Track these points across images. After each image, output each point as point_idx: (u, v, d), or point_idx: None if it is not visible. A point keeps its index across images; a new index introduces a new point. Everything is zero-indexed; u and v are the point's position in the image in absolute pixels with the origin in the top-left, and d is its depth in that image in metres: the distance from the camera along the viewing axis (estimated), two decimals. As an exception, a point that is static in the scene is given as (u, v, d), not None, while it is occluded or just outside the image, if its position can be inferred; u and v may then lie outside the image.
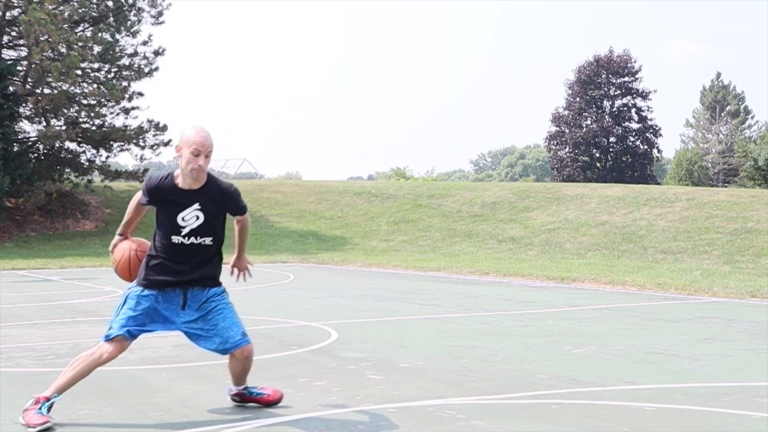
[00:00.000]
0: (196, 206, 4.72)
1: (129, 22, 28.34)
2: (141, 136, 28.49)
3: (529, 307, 10.78)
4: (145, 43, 28.90)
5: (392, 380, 5.88)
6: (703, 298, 12.10)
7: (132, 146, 28.80)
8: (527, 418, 4.80)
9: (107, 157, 29.47)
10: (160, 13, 29.29)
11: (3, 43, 27.56)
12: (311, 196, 31.35)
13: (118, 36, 27.87)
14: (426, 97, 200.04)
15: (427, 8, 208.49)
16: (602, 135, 54.87)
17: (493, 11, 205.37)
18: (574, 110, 55.39)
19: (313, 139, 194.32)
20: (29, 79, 26.94)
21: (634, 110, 55.79)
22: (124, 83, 28.22)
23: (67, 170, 28.40)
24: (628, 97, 55.80)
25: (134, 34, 28.67)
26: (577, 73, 55.82)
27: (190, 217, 4.71)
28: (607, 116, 55.34)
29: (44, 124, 27.39)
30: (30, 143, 27.89)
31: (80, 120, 28.21)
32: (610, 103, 56.01)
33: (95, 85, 27.64)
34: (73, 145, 28.45)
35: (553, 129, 56.18)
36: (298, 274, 16.74)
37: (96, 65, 27.93)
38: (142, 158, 29.58)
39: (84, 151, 28.65)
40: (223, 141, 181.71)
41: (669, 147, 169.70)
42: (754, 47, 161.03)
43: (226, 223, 4.94)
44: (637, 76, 55.70)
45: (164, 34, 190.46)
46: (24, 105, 26.51)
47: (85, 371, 4.77)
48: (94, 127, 28.23)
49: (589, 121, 55.31)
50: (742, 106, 67.19)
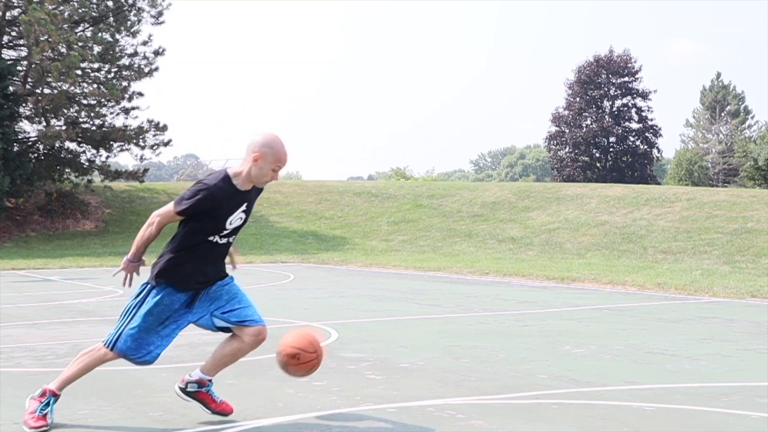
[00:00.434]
0: (244, 207, 4.57)
1: (129, 22, 28.36)
2: (141, 136, 28.50)
3: (529, 307, 10.78)
4: (145, 43, 28.92)
5: (392, 380, 5.88)
6: (703, 298, 12.10)
7: (132, 146, 28.81)
8: (527, 418, 4.80)
9: (107, 157, 29.49)
10: (160, 13, 29.31)
11: (3, 43, 27.57)
12: (311, 196, 31.35)
13: (118, 36, 27.87)
14: (426, 97, 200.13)
15: (427, 8, 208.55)
16: (602, 135, 54.88)
17: (493, 11, 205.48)
18: (574, 110, 55.40)
19: (313, 139, 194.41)
20: (29, 79, 26.95)
21: (634, 110, 55.81)
22: (124, 83, 28.24)
23: (67, 170, 28.41)
24: (628, 97, 55.81)
25: (134, 34, 28.68)
26: (577, 73, 55.83)
27: (236, 219, 4.56)
28: (607, 116, 55.36)
29: (44, 124, 27.39)
30: (30, 143, 27.89)
31: (80, 120, 28.22)
32: (610, 103, 56.03)
33: (95, 85, 27.65)
34: (73, 145, 28.46)
35: (553, 129, 56.20)
36: (298, 274, 16.74)
37: (96, 65, 27.95)
38: (142, 158, 29.60)
39: (84, 151, 28.67)
40: (223, 141, 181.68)
41: (669, 147, 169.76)
42: (754, 47, 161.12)
43: None
44: (637, 76, 55.72)
45: (164, 34, 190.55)
46: (24, 105, 26.52)
47: (90, 368, 4.71)
48: (94, 127, 28.24)
49: (589, 121, 55.32)
50: (742, 106, 67.20)
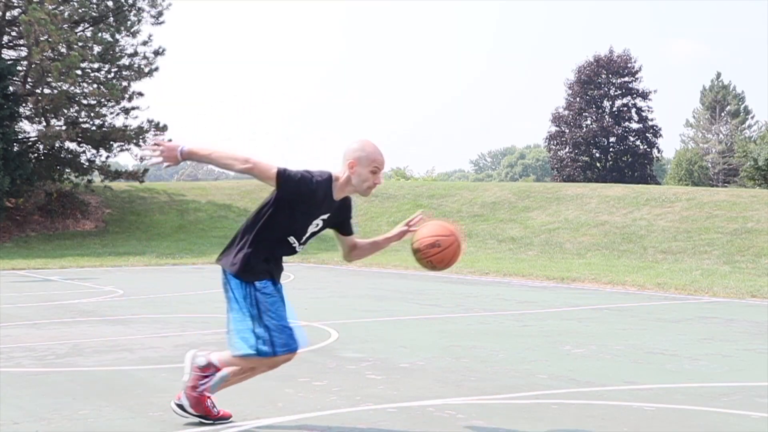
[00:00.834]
0: (327, 215, 4.40)
1: (129, 22, 28.35)
2: (141, 136, 28.48)
3: (529, 307, 10.78)
4: (145, 43, 28.91)
5: (392, 380, 5.88)
6: (703, 298, 12.10)
7: (132, 146, 28.80)
8: (527, 418, 4.80)
9: (107, 157, 29.48)
10: (160, 13, 29.30)
11: (3, 43, 27.57)
12: (311, 196, 31.32)
13: (118, 36, 27.86)
14: (426, 97, 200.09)
15: (427, 8, 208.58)
16: (602, 135, 54.87)
17: (493, 11, 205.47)
18: (574, 110, 55.38)
19: (313, 139, 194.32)
20: (29, 79, 26.95)
21: (634, 110, 55.77)
22: (124, 83, 28.22)
23: (67, 170, 28.40)
24: (628, 97, 55.79)
25: (134, 34, 28.68)
26: (577, 73, 55.81)
27: (317, 224, 4.39)
28: (607, 116, 55.34)
29: (44, 124, 27.39)
30: (30, 143, 27.89)
31: (80, 120, 28.21)
32: (610, 103, 56.01)
33: (95, 85, 27.64)
34: (73, 145, 28.46)
35: (553, 129, 56.18)
36: (298, 274, 16.74)
37: (96, 65, 27.94)
38: (142, 158, 29.54)
39: (84, 151, 28.66)
40: (223, 141, 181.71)
41: (669, 147, 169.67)
42: (754, 47, 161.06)
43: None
44: (637, 76, 55.70)
45: (164, 34, 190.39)
46: (24, 105, 26.51)
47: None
48: (94, 127, 28.23)
49: (589, 121, 55.31)
50: (742, 106, 67.17)
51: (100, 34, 27.06)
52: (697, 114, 68.78)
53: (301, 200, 4.26)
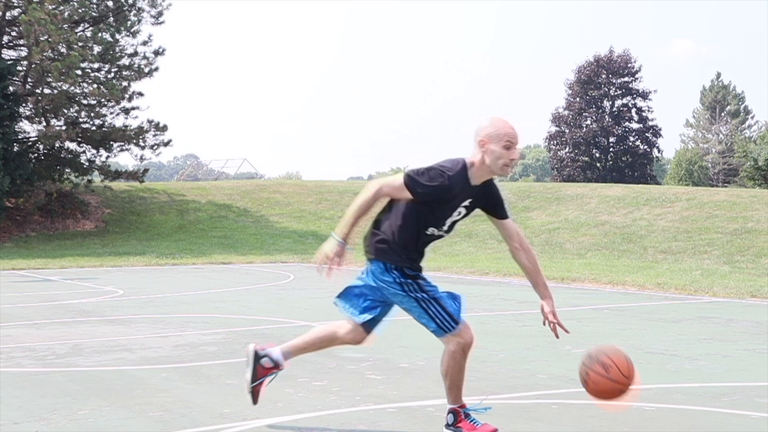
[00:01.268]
0: (467, 202, 4.20)
1: (129, 22, 28.35)
2: (141, 136, 28.50)
3: (529, 307, 10.77)
4: (145, 43, 28.92)
5: (392, 380, 5.88)
6: (703, 298, 12.10)
7: (132, 146, 28.82)
8: (527, 418, 4.80)
9: (107, 157, 29.49)
10: (160, 13, 29.31)
11: (3, 43, 27.56)
12: (311, 196, 31.35)
13: (118, 36, 27.86)
14: (426, 97, 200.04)
15: (427, 8, 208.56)
16: (602, 135, 54.88)
17: (493, 11, 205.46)
18: (574, 110, 55.41)
19: (313, 139, 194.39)
20: (29, 79, 26.95)
21: (634, 110, 55.80)
22: (124, 83, 28.22)
23: (67, 170, 28.41)
24: (628, 97, 55.80)
25: (134, 34, 28.67)
26: (577, 73, 55.84)
27: (458, 212, 4.21)
28: (607, 116, 55.37)
29: (44, 124, 27.38)
30: (30, 143, 27.89)
31: (80, 120, 28.21)
32: (610, 103, 56.04)
33: (95, 85, 27.63)
34: (73, 145, 28.46)
35: (553, 129, 56.21)
36: (298, 274, 16.74)
37: (96, 65, 27.94)
38: (142, 158, 29.59)
39: (84, 151, 28.66)
40: (223, 141, 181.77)
41: (669, 147, 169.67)
42: (754, 47, 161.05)
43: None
44: (637, 76, 55.73)
45: (164, 34, 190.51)
46: (24, 105, 26.51)
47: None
48: (94, 127, 28.24)
49: (589, 121, 55.34)
50: (742, 106, 67.21)
51: (100, 34, 27.06)
52: (697, 114, 68.81)
53: (439, 200, 4.12)
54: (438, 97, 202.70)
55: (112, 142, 28.44)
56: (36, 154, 28.15)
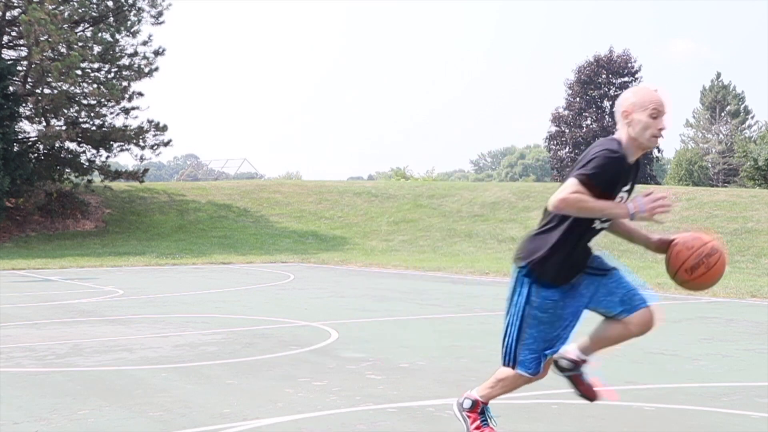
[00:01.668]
0: (628, 186, 3.85)
1: (129, 22, 28.35)
2: (141, 136, 28.50)
3: (529, 307, 10.75)
4: (145, 43, 28.92)
5: (392, 380, 5.88)
6: (703, 298, 12.10)
7: (132, 146, 28.81)
8: (527, 418, 4.80)
9: (107, 157, 29.48)
10: (160, 13, 29.31)
11: (3, 43, 27.57)
12: (311, 196, 31.35)
13: (118, 36, 27.86)
14: (426, 97, 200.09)
15: (427, 8, 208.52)
16: (602, 135, 54.83)
17: (493, 11, 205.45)
18: (574, 110, 55.42)
19: (313, 139, 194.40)
20: (29, 79, 26.95)
21: (634, 110, 55.83)
22: (124, 83, 28.22)
23: (67, 170, 28.40)
24: (628, 97, 55.84)
25: (134, 34, 28.67)
26: (577, 73, 55.85)
27: (620, 197, 3.85)
28: (607, 116, 55.36)
29: (44, 124, 27.38)
30: (30, 143, 27.89)
31: (80, 120, 28.21)
32: (611, 103, 55.98)
33: (95, 85, 27.63)
34: (73, 145, 28.45)
35: (553, 129, 56.22)
36: (298, 274, 16.74)
37: (96, 65, 27.93)
38: (142, 158, 29.59)
39: (84, 151, 28.66)
40: (223, 141, 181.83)
41: (669, 147, 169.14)
42: (754, 47, 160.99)
43: None
44: (637, 76, 55.75)
45: (164, 34, 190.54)
46: (24, 105, 26.51)
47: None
48: (94, 127, 28.24)
49: (589, 121, 55.36)
50: (742, 106, 67.18)
51: (100, 34, 27.06)
52: (697, 114, 68.79)
53: (608, 186, 3.74)
54: (438, 97, 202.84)
55: (112, 142, 28.43)
56: (36, 154, 28.15)
